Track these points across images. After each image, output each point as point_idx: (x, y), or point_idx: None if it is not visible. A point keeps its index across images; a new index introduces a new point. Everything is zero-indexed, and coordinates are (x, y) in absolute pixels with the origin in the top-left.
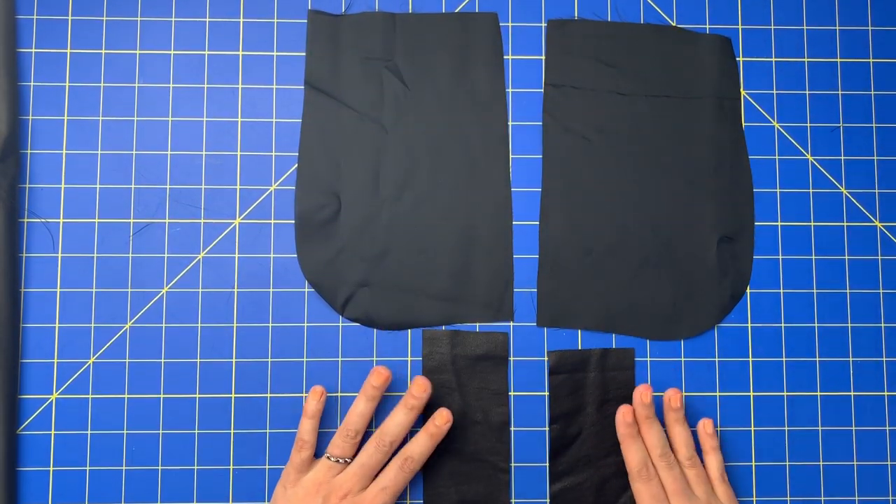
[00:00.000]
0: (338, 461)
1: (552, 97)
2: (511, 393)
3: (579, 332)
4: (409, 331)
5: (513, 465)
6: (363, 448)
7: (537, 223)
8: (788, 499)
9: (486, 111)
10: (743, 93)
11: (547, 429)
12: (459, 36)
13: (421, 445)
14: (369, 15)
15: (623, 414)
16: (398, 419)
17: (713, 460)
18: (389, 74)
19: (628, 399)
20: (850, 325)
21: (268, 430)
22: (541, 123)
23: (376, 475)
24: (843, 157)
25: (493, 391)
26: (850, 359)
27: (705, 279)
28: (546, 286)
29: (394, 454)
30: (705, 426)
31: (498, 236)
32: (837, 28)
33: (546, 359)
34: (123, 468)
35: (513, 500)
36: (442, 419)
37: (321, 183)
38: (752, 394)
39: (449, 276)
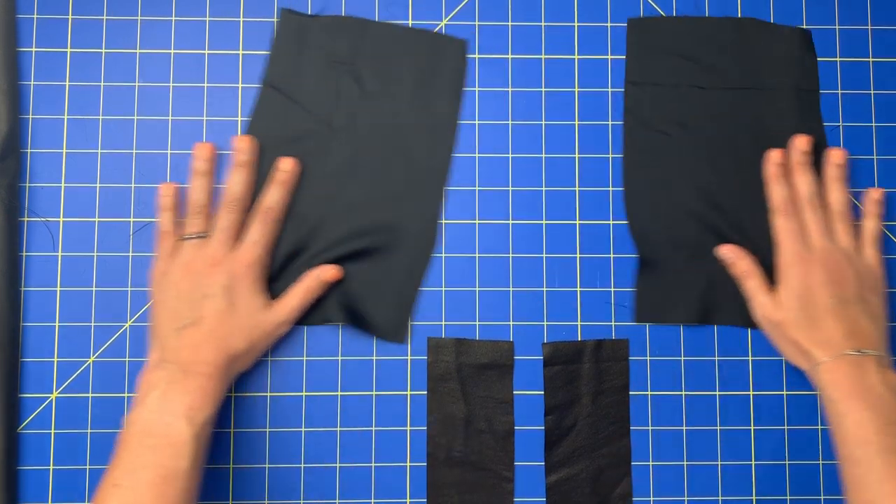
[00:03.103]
0: (196, 236)
1: (633, 95)
2: (515, 392)
3: (579, 326)
4: (410, 330)
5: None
6: (216, 216)
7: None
8: (788, 498)
9: (435, 135)
10: None
11: (543, 425)
12: (427, 56)
13: (274, 194)
14: (341, 18)
15: (774, 154)
16: (235, 178)
17: (870, 224)
18: (349, 78)
19: (623, 390)
20: None
21: (268, 430)
22: (539, 123)
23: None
24: None
25: (498, 400)
26: None
27: None
28: (643, 283)
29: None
30: (872, 193)
31: (415, 260)
32: (837, 28)
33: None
34: None
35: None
36: (287, 164)
37: (262, 180)
38: (751, 393)
39: (359, 284)
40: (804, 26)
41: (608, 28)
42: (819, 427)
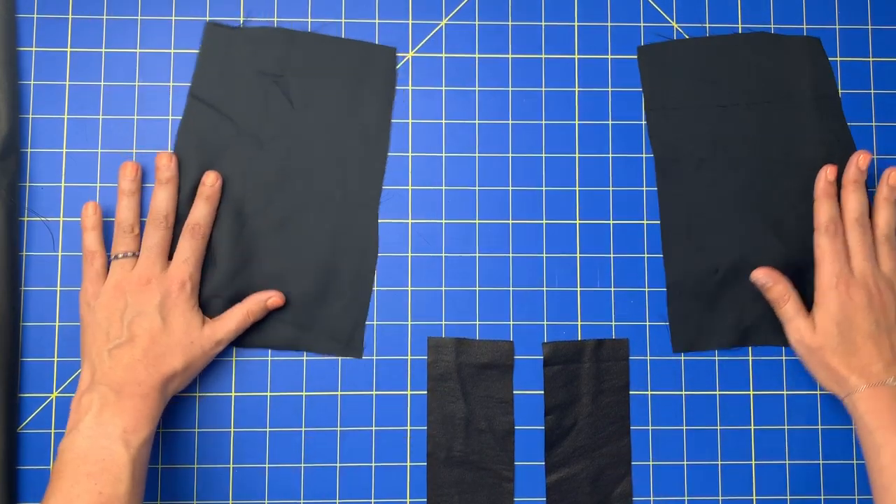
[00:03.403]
0: (126, 256)
1: (656, 122)
2: (515, 392)
3: (579, 326)
4: (410, 329)
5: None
6: (144, 235)
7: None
8: (788, 498)
9: (368, 143)
10: None
11: (542, 425)
12: (356, 64)
13: (201, 210)
14: (268, 30)
15: (827, 171)
16: (160, 196)
17: None
18: (277, 90)
19: (623, 390)
20: None
21: (268, 429)
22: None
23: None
24: None
25: (499, 399)
26: None
27: None
28: (676, 312)
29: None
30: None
31: (359, 269)
32: (837, 28)
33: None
34: None
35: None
36: (210, 179)
37: (190, 194)
38: (752, 393)
39: (302, 301)
40: (804, 26)
41: (608, 28)
42: (819, 427)
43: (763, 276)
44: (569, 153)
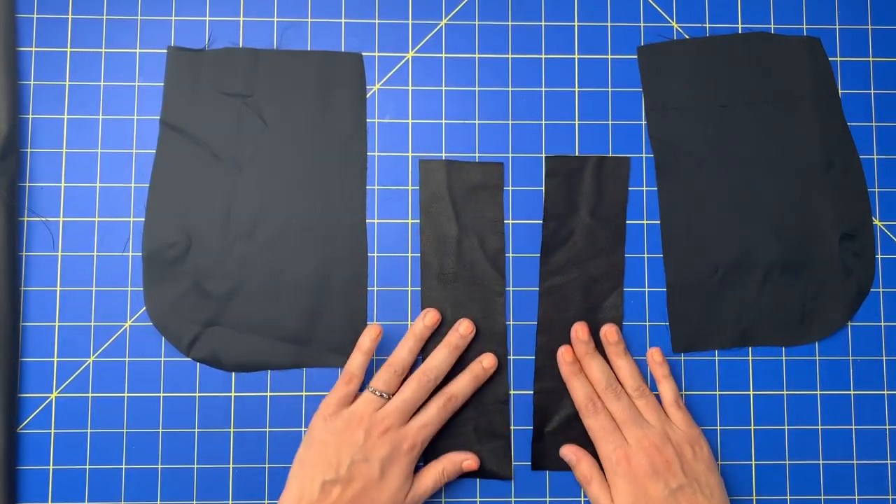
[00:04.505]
0: (381, 395)
1: (656, 122)
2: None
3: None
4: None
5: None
6: (406, 384)
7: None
8: (788, 498)
9: (346, 146)
10: None
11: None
12: (323, 73)
13: (465, 386)
14: (232, 50)
15: (563, 354)
16: (442, 357)
17: (666, 388)
18: (248, 110)
19: (621, 207)
20: (849, 324)
21: (267, 429)
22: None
23: (416, 411)
24: None
25: (490, 219)
26: (850, 357)
27: (830, 279)
28: (676, 312)
29: (434, 392)
30: (654, 355)
31: (352, 275)
32: (837, 28)
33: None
34: (123, 467)
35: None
36: (489, 361)
37: (171, 221)
38: (751, 392)
39: (300, 317)
40: (804, 26)
41: (608, 28)
42: (819, 427)
43: (569, 454)
44: (569, 153)
